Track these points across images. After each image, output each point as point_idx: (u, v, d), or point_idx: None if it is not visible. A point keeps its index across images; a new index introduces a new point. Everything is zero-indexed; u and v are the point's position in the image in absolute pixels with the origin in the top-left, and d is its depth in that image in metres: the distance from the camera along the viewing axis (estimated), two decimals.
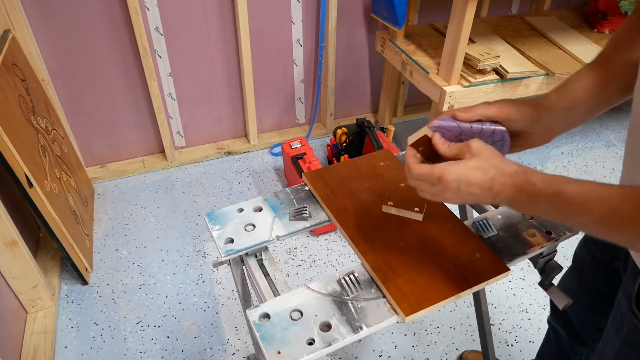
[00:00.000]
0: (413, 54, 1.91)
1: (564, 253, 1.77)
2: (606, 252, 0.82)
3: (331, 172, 0.94)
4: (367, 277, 0.74)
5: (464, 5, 1.51)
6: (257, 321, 0.67)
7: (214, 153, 2.25)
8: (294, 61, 2.20)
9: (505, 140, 0.68)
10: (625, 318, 0.66)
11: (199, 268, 1.71)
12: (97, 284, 1.64)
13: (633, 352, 0.66)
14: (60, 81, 1.85)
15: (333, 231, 1.85)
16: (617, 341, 0.69)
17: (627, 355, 0.67)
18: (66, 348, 1.45)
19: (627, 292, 0.66)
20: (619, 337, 0.68)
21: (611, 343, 0.71)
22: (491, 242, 0.81)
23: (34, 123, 1.53)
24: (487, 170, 0.58)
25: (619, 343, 0.68)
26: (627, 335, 0.66)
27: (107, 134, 2.07)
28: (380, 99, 2.41)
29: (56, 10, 1.70)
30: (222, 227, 0.84)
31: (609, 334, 0.72)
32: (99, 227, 1.87)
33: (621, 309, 0.68)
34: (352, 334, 0.65)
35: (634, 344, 0.66)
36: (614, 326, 0.70)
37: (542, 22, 2.16)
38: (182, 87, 2.06)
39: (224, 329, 1.51)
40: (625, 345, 0.67)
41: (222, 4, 1.90)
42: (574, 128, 0.72)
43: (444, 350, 1.46)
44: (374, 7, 2.05)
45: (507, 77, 1.72)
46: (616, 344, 0.69)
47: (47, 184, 1.47)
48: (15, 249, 1.37)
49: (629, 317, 0.65)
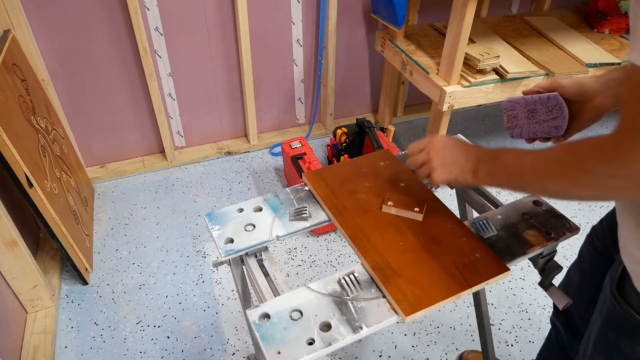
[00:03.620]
0: (413, 54, 1.91)
1: (564, 253, 1.77)
2: (607, 245, 0.83)
3: (331, 172, 0.94)
4: (367, 277, 0.74)
5: (464, 5, 1.51)
6: (257, 321, 0.67)
7: (214, 153, 2.25)
8: (294, 61, 2.20)
9: (561, 104, 0.79)
10: (607, 300, 0.69)
11: (199, 268, 1.71)
12: (97, 284, 1.64)
13: (612, 332, 0.69)
14: (60, 81, 1.85)
15: (333, 231, 1.85)
16: (599, 321, 0.72)
17: (606, 335, 0.70)
18: (66, 348, 1.45)
19: (612, 276, 0.69)
20: (600, 318, 0.71)
21: (595, 324, 0.74)
22: (491, 242, 0.81)
23: (34, 123, 1.53)
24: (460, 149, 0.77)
25: (600, 323, 0.71)
26: (607, 316, 0.69)
27: (107, 134, 2.07)
28: (380, 99, 2.41)
29: (56, 11, 1.70)
30: (222, 227, 0.84)
31: (595, 316, 0.75)
32: (99, 227, 1.87)
33: (605, 292, 0.71)
34: (352, 334, 0.65)
35: (613, 325, 0.69)
36: (598, 308, 0.73)
37: (542, 22, 2.16)
38: (182, 87, 2.06)
39: (224, 329, 1.51)
40: (605, 325, 0.70)
41: (222, 4, 1.90)
42: None
43: (444, 350, 1.46)
44: (374, 7, 2.05)
45: (507, 77, 1.72)
46: (598, 324, 0.72)
47: (47, 184, 1.47)
48: (15, 249, 1.37)
49: (610, 298, 0.68)
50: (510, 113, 0.88)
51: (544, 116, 0.83)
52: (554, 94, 0.80)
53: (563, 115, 0.80)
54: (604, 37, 2.09)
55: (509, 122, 0.89)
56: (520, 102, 0.85)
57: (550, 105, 0.81)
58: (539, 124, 0.84)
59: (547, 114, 0.82)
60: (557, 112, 0.80)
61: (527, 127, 0.86)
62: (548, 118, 0.82)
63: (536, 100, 0.83)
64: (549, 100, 0.81)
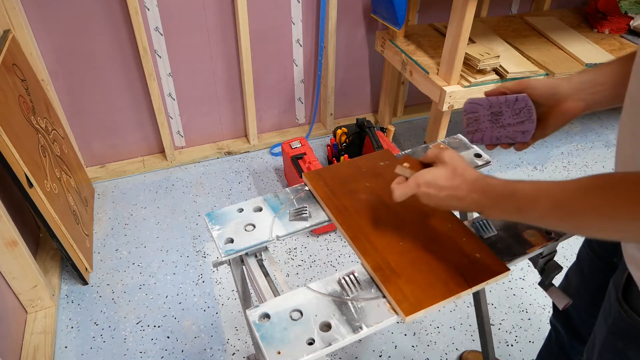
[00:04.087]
0: (413, 54, 1.91)
1: (564, 253, 1.77)
2: (607, 248, 0.82)
3: (331, 172, 0.94)
4: (367, 277, 0.74)
5: (464, 5, 1.51)
6: (257, 321, 0.67)
7: (214, 153, 2.25)
8: (294, 61, 2.20)
9: (530, 107, 0.73)
10: (612, 307, 0.68)
11: (199, 268, 1.71)
12: (97, 284, 1.64)
13: (618, 340, 0.68)
14: (60, 81, 1.85)
15: (333, 231, 1.85)
16: (604, 329, 0.70)
17: (612, 343, 0.69)
18: (66, 348, 1.45)
19: (616, 283, 0.68)
20: (605, 326, 0.70)
21: (600, 331, 0.72)
22: (491, 242, 0.81)
23: (34, 123, 1.53)
24: (453, 178, 0.67)
25: (605, 331, 0.70)
26: (613, 323, 0.68)
27: (107, 134, 2.07)
28: (380, 99, 2.41)
29: (56, 11, 1.70)
30: (222, 227, 0.84)
31: (599, 323, 0.73)
32: (99, 227, 1.87)
33: (610, 299, 0.69)
34: (352, 334, 0.65)
35: (619, 333, 0.67)
36: (603, 315, 0.72)
37: (542, 22, 2.16)
38: (182, 87, 2.06)
39: (224, 329, 1.51)
40: (611, 333, 0.68)
41: (222, 4, 1.90)
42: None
43: (444, 350, 1.46)
44: (374, 7, 2.05)
45: (507, 77, 1.72)
46: (604, 332, 0.70)
47: (47, 184, 1.47)
48: (15, 249, 1.37)
49: (616, 306, 0.66)
50: (472, 116, 0.80)
51: (509, 120, 0.76)
52: (522, 95, 0.74)
53: (531, 119, 0.74)
54: (604, 37, 2.09)
55: (469, 126, 0.81)
56: (483, 103, 0.78)
57: (518, 108, 0.74)
58: (504, 129, 0.77)
59: (513, 118, 0.75)
60: (525, 116, 0.74)
61: (490, 131, 0.79)
62: (514, 122, 0.76)
63: (502, 102, 0.76)
64: (516, 102, 0.74)
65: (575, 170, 2.23)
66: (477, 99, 0.78)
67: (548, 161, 2.28)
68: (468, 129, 0.82)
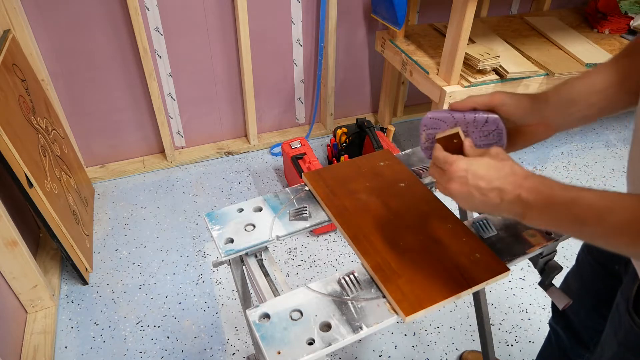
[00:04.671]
0: (413, 54, 1.91)
1: (564, 253, 1.77)
2: (607, 255, 0.81)
3: (331, 172, 0.94)
4: (367, 277, 0.74)
5: (464, 6, 1.51)
6: (257, 321, 0.67)
7: (214, 153, 2.25)
8: (294, 61, 2.20)
9: (501, 129, 0.67)
10: (623, 320, 0.66)
11: (199, 268, 1.71)
12: (97, 284, 1.64)
13: (630, 355, 0.66)
14: (60, 81, 1.85)
15: (333, 231, 1.85)
16: (614, 343, 0.69)
17: (624, 356, 0.67)
18: (66, 348, 1.45)
19: (626, 295, 0.66)
20: (616, 339, 0.68)
21: (609, 345, 0.71)
22: (491, 242, 0.81)
23: (34, 123, 1.53)
24: (499, 169, 0.57)
25: (616, 345, 0.68)
26: (624, 337, 0.66)
27: (107, 134, 2.07)
28: (380, 99, 2.41)
29: (56, 11, 1.70)
30: (222, 227, 0.84)
31: (608, 336, 0.72)
32: (99, 227, 1.87)
33: (619, 311, 0.68)
34: (352, 334, 0.65)
35: (630, 346, 0.65)
36: (612, 328, 0.70)
37: (542, 22, 2.16)
38: (182, 87, 2.06)
39: (224, 329, 1.51)
40: (623, 347, 0.67)
41: (222, 4, 1.90)
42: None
43: (444, 350, 1.46)
44: (374, 7, 2.05)
45: (507, 77, 1.73)
46: (613, 346, 0.69)
47: (47, 184, 1.47)
48: (15, 249, 1.37)
49: (626, 319, 0.64)
50: (432, 132, 0.70)
51: (476, 141, 0.68)
52: (493, 117, 0.66)
53: (501, 142, 0.68)
54: (604, 37, 2.09)
55: (427, 142, 0.72)
56: (447, 120, 0.68)
57: (487, 130, 0.67)
58: None
59: (480, 139, 0.68)
60: (494, 139, 0.67)
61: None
62: (481, 144, 0.68)
63: (469, 122, 0.67)
64: (486, 124, 0.67)
65: (575, 171, 2.23)
66: (439, 114, 0.69)
67: (548, 161, 2.28)
68: (426, 145, 0.72)
